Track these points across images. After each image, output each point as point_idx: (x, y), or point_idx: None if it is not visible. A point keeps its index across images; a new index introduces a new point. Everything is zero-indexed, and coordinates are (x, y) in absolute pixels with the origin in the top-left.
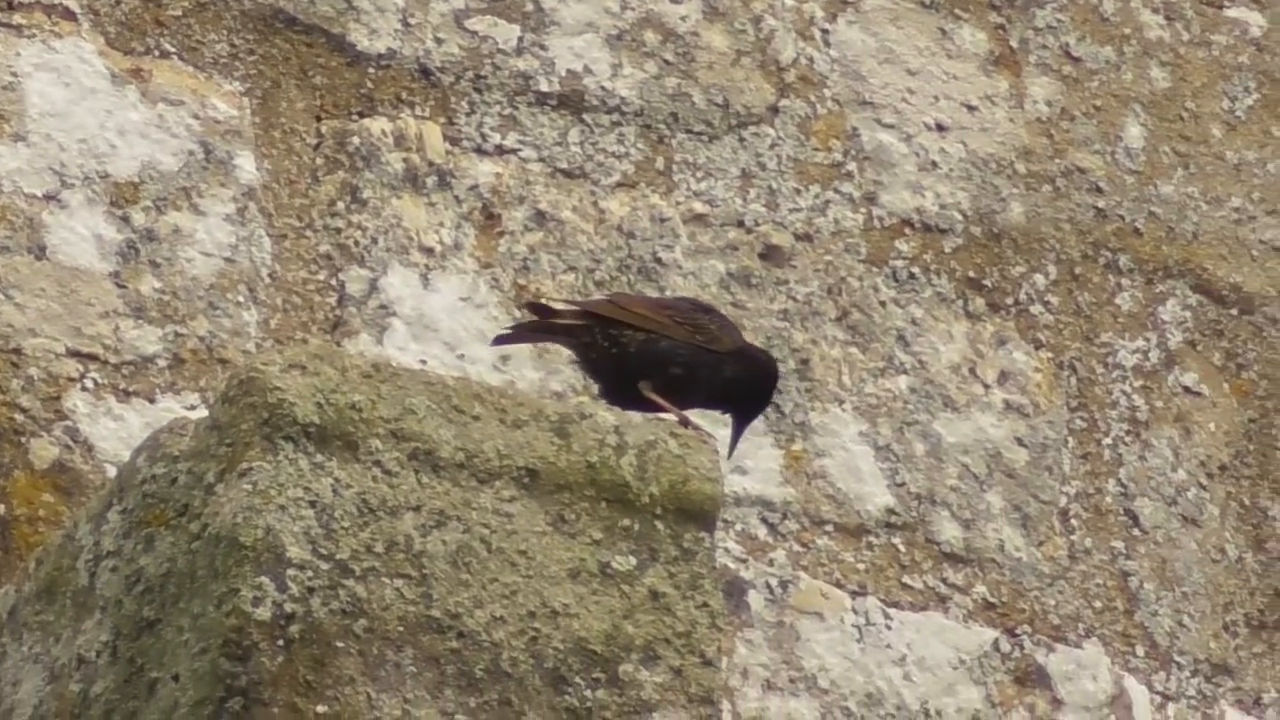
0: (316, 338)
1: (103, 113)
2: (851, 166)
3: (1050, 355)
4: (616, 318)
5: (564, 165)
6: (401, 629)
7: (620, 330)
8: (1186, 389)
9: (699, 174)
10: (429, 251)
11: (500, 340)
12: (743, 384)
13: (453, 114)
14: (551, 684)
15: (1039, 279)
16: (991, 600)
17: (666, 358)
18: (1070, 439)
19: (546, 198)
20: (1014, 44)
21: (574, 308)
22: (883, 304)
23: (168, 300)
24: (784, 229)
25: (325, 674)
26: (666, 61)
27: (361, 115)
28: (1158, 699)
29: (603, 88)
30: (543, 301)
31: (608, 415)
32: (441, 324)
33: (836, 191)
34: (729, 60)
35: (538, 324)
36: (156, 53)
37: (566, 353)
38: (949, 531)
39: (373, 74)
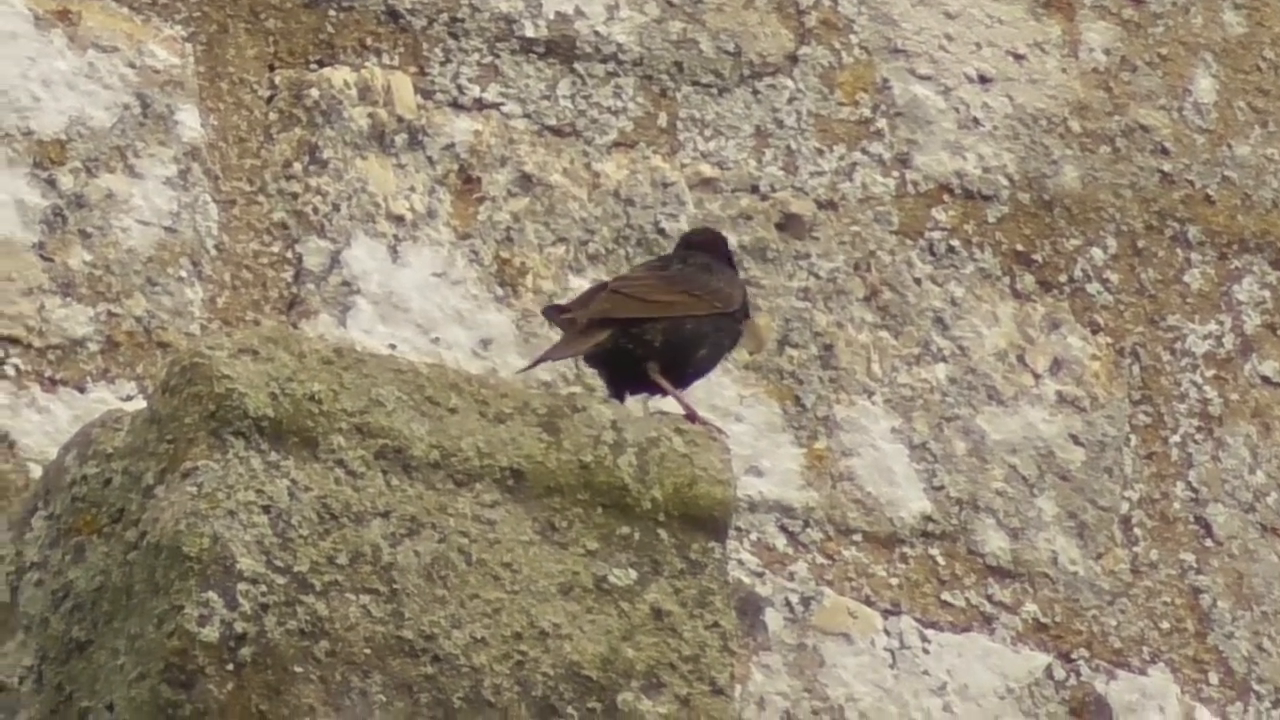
0: (270, 318)
1: (25, 61)
2: (882, 124)
3: (1109, 340)
4: (636, 315)
5: (552, 122)
6: (368, 651)
7: (643, 328)
8: (1265, 379)
9: (707, 132)
10: (398, 220)
11: (525, 370)
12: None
13: (425, 63)
14: (540, 714)
15: (1096, 253)
16: (1043, 620)
17: (692, 342)
18: (1133, 436)
19: (533, 159)
20: None
21: (582, 318)
22: (918, 281)
23: (100, 275)
24: (804, 195)
25: (281, 703)
26: (670, 3)
27: (321, 64)
28: None
29: (597, 33)
30: (556, 304)
31: (603, 409)
32: (413, 303)
33: (864, 152)
34: (741, 2)
35: (561, 348)
36: None
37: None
38: (994, 542)
39: (334, 17)
